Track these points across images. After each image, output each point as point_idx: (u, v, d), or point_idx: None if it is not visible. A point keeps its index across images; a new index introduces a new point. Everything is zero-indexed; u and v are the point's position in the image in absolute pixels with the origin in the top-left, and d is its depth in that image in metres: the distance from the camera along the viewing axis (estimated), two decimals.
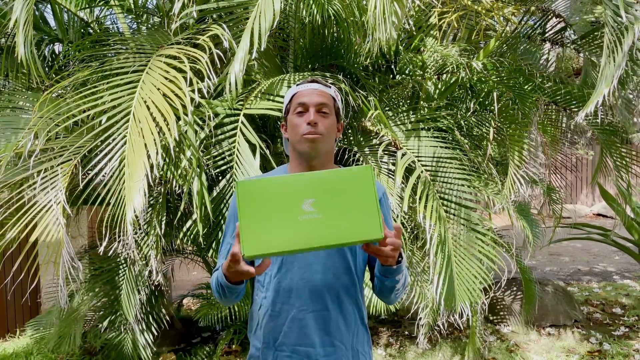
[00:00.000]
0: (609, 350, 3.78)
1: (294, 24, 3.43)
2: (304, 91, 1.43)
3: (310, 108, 1.40)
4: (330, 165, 1.49)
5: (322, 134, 1.39)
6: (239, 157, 2.79)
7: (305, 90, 1.43)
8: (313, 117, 1.38)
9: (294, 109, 1.43)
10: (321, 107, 1.41)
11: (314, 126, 1.38)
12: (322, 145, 1.41)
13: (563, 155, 5.07)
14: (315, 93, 1.42)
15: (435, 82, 3.79)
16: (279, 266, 1.42)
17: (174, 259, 4.12)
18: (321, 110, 1.41)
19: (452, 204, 3.05)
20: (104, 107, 2.53)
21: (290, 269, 1.42)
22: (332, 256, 1.42)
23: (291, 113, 1.44)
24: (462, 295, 2.86)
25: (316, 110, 1.40)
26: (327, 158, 1.46)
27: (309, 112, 1.40)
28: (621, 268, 6.93)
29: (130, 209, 2.27)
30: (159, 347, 3.80)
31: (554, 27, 4.18)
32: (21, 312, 4.59)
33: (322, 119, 1.40)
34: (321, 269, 1.41)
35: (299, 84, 1.47)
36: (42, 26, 3.64)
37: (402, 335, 4.18)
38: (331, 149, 1.47)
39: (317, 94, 1.42)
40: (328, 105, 1.42)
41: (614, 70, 2.41)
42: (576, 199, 13.04)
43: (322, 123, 1.40)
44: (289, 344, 1.41)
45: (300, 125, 1.40)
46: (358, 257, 1.46)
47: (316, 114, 1.40)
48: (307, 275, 1.41)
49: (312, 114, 1.39)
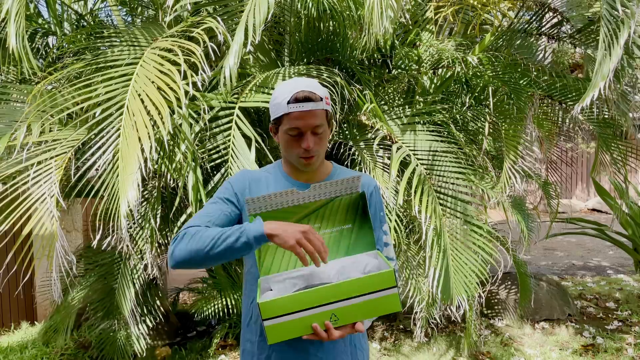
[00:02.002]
0: (602, 344, 3.81)
1: (289, 18, 3.41)
2: (297, 113, 1.32)
3: (305, 133, 1.35)
4: (323, 164, 1.49)
5: (317, 154, 1.38)
6: (235, 151, 2.78)
7: (297, 112, 1.32)
8: (309, 144, 1.34)
9: (287, 130, 1.36)
10: (316, 129, 1.36)
11: (309, 151, 1.36)
12: (317, 161, 1.41)
13: (559, 150, 5.08)
14: (309, 115, 1.33)
15: (431, 77, 3.79)
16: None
17: None
18: (316, 132, 1.36)
19: (448, 198, 3.06)
20: (97, 100, 2.52)
21: None
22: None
23: (283, 131, 1.38)
24: (458, 289, 2.86)
25: (311, 133, 1.36)
26: (320, 164, 1.48)
27: (304, 136, 1.35)
28: (615, 263, 6.97)
29: (124, 202, 2.26)
30: (154, 341, 3.80)
31: (550, 21, 4.17)
32: (16, 306, 4.58)
33: (317, 139, 1.37)
34: None
35: (289, 102, 1.32)
36: (36, 18, 3.61)
37: (397, 329, 4.19)
38: (324, 154, 1.47)
39: (311, 117, 1.33)
40: (322, 124, 1.37)
41: (609, 64, 2.40)
42: (571, 193, 13.08)
43: (317, 144, 1.37)
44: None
45: (296, 148, 1.37)
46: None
47: (312, 137, 1.35)
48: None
49: (310, 140, 1.35)
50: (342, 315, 1.21)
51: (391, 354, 3.74)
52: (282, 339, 1.20)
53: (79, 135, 2.74)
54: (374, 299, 1.21)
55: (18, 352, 3.82)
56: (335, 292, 1.20)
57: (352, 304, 1.21)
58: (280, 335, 1.19)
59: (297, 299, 1.19)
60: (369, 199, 1.47)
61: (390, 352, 3.77)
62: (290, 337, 1.20)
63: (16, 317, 4.57)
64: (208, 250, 1.23)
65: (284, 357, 1.40)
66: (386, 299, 1.22)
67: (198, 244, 1.24)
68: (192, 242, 1.25)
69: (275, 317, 1.18)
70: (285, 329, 1.19)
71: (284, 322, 1.19)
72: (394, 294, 1.22)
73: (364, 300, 1.21)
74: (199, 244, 1.24)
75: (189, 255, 1.25)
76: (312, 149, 1.35)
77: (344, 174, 1.52)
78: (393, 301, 1.22)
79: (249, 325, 1.48)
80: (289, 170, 1.48)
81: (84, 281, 3.57)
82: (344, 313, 1.21)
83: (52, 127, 2.94)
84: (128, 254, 3.26)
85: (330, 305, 1.20)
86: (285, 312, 1.18)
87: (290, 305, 1.19)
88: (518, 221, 3.75)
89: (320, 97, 1.36)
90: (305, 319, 1.19)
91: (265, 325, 1.18)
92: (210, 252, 1.23)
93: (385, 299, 1.21)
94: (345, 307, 1.20)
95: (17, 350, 3.84)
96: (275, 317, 1.18)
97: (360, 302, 1.21)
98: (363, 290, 1.21)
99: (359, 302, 1.21)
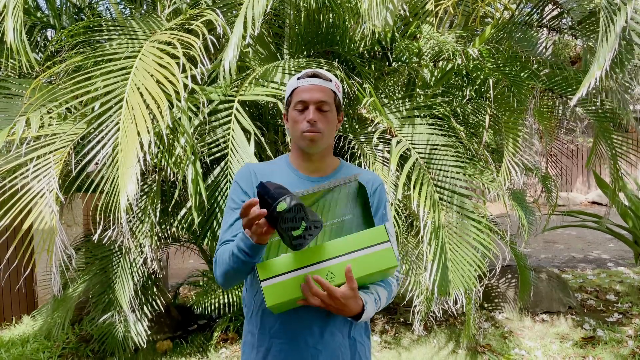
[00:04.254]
0: (603, 337, 3.81)
1: (289, 10, 3.39)
2: (304, 87, 1.41)
3: (310, 106, 1.40)
4: (330, 157, 1.50)
5: (321, 131, 1.40)
6: (234, 144, 2.78)
7: (305, 86, 1.41)
8: (312, 116, 1.38)
9: (294, 105, 1.42)
10: (321, 105, 1.40)
11: (313, 125, 1.38)
12: (322, 143, 1.42)
13: (559, 143, 5.07)
14: (316, 89, 1.41)
15: (431, 70, 3.77)
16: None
17: (170, 247, 4.11)
18: (321, 108, 1.40)
19: (446, 191, 3.05)
20: (96, 94, 2.51)
21: None
22: None
23: (291, 108, 1.44)
24: (457, 282, 2.87)
25: (316, 108, 1.40)
26: (327, 151, 1.48)
27: (308, 109, 1.40)
28: (615, 255, 6.98)
29: (123, 196, 2.25)
30: (155, 335, 3.81)
31: (550, 13, 4.15)
32: (17, 300, 4.59)
33: (322, 116, 1.40)
34: None
35: (299, 78, 1.44)
36: (34, 11, 3.59)
37: (398, 322, 4.21)
38: (331, 142, 1.49)
39: (317, 90, 1.40)
40: (328, 101, 1.41)
41: (606, 52, 2.38)
42: (571, 186, 13.08)
43: (322, 121, 1.40)
44: (286, 330, 1.40)
45: (300, 122, 1.40)
46: None
47: (316, 112, 1.39)
48: None
49: (312, 112, 1.39)
50: (338, 272, 1.24)
51: (391, 346, 3.75)
52: (280, 301, 1.22)
53: (78, 130, 2.74)
54: (368, 255, 1.26)
55: (19, 345, 3.83)
56: (329, 250, 1.26)
57: (347, 260, 1.25)
58: (278, 297, 1.22)
59: (292, 257, 1.24)
60: (372, 196, 1.48)
61: (391, 345, 3.78)
62: (287, 299, 1.22)
63: (17, 311, 4.58)
64: (232, 270, 1.31)
65: (283, 348, 1.40)
66: (380, 253, 1.26)
67: (222, 267, 1.34)
68: (220, 267, 1.35)
69: (272, 278, 1.22)
70: (283, 289, 1.22)
71: (281, 281, 1.22)
72: (387, 249, 1.27)
73: (359, 256, 1.26)
74: (223, 268, 1.33)
75: (225, 278, 1.35)
76: (316, 123, 1.38)
77: (351, 170, 1.52)
78: (387, 255, 1.27)
79: (251, 318, 1.48)
80: (296, 162, 1.49)
81: (84, 275, 3.58)
82: (339, 270, 1.24)
83: (51, 121, 2.93)
84: (128, 247, 3.27)
85: (325, 262, 1.24)
86: (281, 272, 1.23)
87: (286, 264, 1.23)
88: (519, 215, 3.75)
89: (330, 78, 1.45)
90: (301, 277, 1.23)
91: (263, 287, 1.21)
92: (234, 269, 1.30)
93: (379, 254, 1.26)
94: (341, 264, 1.25)
95: (18, 344, 3.85)
96: (272, 277, 1.22)
97: (355, 258, 1.25)
98: (356, 247, 1.26)
99: (353, 257, 1.25)
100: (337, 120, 1.48)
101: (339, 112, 1.48)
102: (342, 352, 1.42)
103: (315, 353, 1.39)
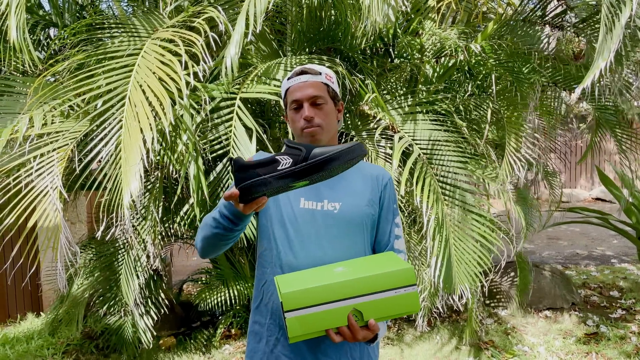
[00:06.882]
0: (606, 333, 3.81)
1: (291, 7, 3.39)
2: (295, 86, 1.43)
3: (304, 103, 1.41)
4: None
5: (319, 125, 1.41)
6: (236, 142, 2.78)
7: (295, 84, 1.43)
8: (308, 113, 1.40)
9: (290, 105, 1.45)
10: (315, 99, 1.42)
11: (310, 121, 1.40)
12: (323, 136, 1.43)
13: (563, 139, 5.06)
14: (306, 86, 1.42)
15: (434, 66, 3.76)
16: (284, 243, 1.42)
17: (173, 244, 4.13)
18: (315, 102, 1.42)
19: (449, 187, 3.05)
20: (99, 91, 2.52)
21: (296, 247, 1.40)
22: (341, 236, 1.41)
23: (288, 109, 1.46)
24: (461, 278, 2.87)
25: (310, 104, 1.41)
26: (331, 142, 1.49)
27: (303, 107, 1.42)
28: (619, 252, 6.95)
29: (126, 194, 2.26)
30: (159, 332, 3.83)
31: (554, 10, 4.13)
32: (22, 297, 4.62)
33: (318, 110, 1.42)
34: (329, 247, 1.39)
35: (289, 78, 1.46)
36: (37, 10, 3.60)
37: (400, 319, 4.21)
38: (334, 133, 1.49)
39: (307, 87, 1.42)
40: (321, 95, 1.43)
41: (610, 45, 2.37)
42: (575, 183, 13.04)
43: (318, 115, 1.42)
44: None
45: (298, 121, 1.43)
46: (368, 238, 1.47)
47: (310, 108, 1.41)
48: (315, 254, 1.39)
49: (307, 109, 1.40)
50: (365, 311, 1.19)
51: (394, 343, 3.76)
52: (302, 333, 1.18)
53: (81, 127, 2.74)
54: (394, 296, 1.20)
55: (24, 342, 3.85)
56: (357, 286, 1.19)
57: (374, 300, 1.20)
58: (301, 329, 1.17)
59: (319, 291, 1.18)
60: (383, 190, 1.49)
61: (394, 342, 3.78)
62: (310, 332, 1.18)
63: (22, 308, 4.61)
64: (212, 235, 1.31)
65: None
66: (406, 297, 1.21)
67: (204, 231, 1.34)
68: (202, 231, 1.36)
69: (296, 310, 1.17)
70: (307, 322, 1.18)
71: (306, 314, 1.18)
72: (414, 292, 1.21)
73: (386, 297, 1.20)
74: (205, 231, 1.34)
75: (204, 243, 1.36)
76: (312, 119, 1.40)
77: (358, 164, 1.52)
78: (413, 300, 1.21)
79: (259, 308, 1.48)
80: None
81: (88, 272, 3.59)
82: (366, 309, 1.19)
83: (54, 119, 2.94)
84: (131, 244, 3.28)
85: (351, 300, 1.19)
86: (306, 305, 1.17)
87: (313, 298, 1.18)
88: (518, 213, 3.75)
89: (319, 72, 1.45)
90: (326, 312, 1.18)
91: (287, 318, 1.17)
92: (214, 234, 1.31)
93: (405, 297, 1.21)
94: (367, 303, 1.19)
95: (23, 341, 3.88)
96: (297, 309, 1.17)
97: (382, 299, 1.20)
98: (385, 287, 1.20)
99: (380, 298, 1.20)
100: (337, 110, 1.50)
101: (336, 101, 1.49)
102: (350, 344, 1.43)
103: (325, 344, 1.39)
